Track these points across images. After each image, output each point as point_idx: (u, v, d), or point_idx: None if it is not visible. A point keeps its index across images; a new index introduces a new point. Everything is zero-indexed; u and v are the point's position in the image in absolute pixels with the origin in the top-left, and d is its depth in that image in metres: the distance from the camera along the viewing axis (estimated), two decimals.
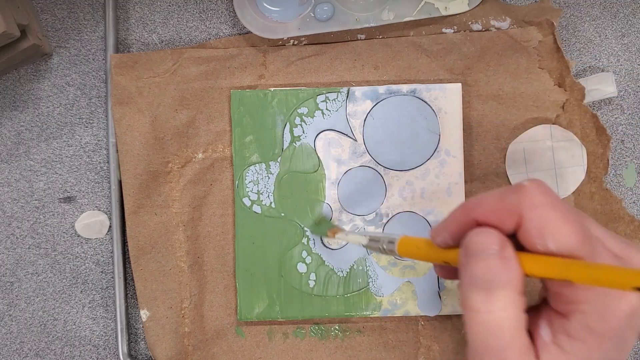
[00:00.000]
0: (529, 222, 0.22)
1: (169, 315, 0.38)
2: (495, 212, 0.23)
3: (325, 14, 0.37)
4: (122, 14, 0.39)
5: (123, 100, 0.37)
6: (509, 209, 0.22)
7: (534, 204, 0.22)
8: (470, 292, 0.22)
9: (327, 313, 0.37)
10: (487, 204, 0.23)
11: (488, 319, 0.22)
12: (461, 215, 0.24)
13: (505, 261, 0.22)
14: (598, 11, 0.39)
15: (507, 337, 0.22)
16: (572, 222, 0.22)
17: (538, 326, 0.24)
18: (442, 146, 0.37)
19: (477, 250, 0.22)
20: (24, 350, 0.39)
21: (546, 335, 0.24)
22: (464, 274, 0.23)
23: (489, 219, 0.23)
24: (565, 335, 0.23)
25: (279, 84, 0.38)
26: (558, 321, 0.23)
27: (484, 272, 0.22)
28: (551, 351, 0.23)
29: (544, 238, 0.22)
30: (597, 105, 0.39)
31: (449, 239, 0.24)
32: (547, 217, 0.22)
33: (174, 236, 0.38)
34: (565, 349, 0.23)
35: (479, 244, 0.22)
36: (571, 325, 0.23)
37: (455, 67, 0.38)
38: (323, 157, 0.37)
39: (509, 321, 0.22)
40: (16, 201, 0.39)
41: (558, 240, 0.21)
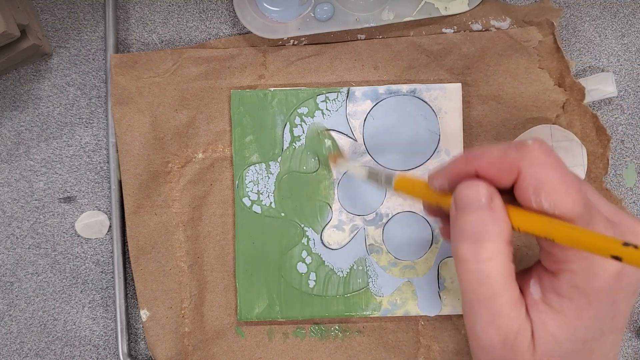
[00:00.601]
0: (526, 179, 0.22)
1: (169, 315, 0.38)
2: (495, 165, 0.23)
3: (325, 14, 0.37)
4: (122, 14, 0.39)
5: (123, 100, 0.37)
6: (510, 163, 0.23)
7: (534, 162, 0.22)
8: (460, 243, 0.23)
9: (327, 313, 0.37)
10: (489, 155, 0.23)
11: (477, 269, 0.23)
12: (462, 163, 0.24)
13: (493, 212, 0.23)
14: (598, 11, 0.39)
15: (496, 285, 0.23)
16: (569, 184, 0.22)
17: (529, 284, 0.25)
18: (442, 146, 0.37)
19: (467, 203, 0.23)
20: (24, 350, 0.39)
21: (536, 293, 0.24)
22: (454, 226, 0.24)
23: (488, 170, 0.23)
24: (554, 293, 0.24)
25: (279, 84, 0.38)
26: (548, 280, 0.24)
27: (473, 224, 0.23)
28: (540, 309, 0.24)
29: (539, 196, 0.22)
30: (597, 105, 0.39)
31: (446, 184, 0.25)
32: (545, 176, 0.22)
33: (174, 236, 0.38)
34: (554, 307, 0.23)
35: (469, 196, 0.23)
36: (560, 284, 0.23)
37: (455, 67, 0.38)
38: (323, 157, 0.37)
39: (497, 270, 0.23)
40: (16, 201, 0.39)
41: (552, 200, 0.22)
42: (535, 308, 0.24)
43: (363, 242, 0.37)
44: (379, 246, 0.37)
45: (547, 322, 0.23)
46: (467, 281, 0.23)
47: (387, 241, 0.37)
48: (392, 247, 0.37)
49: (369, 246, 0.37)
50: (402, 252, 0.37)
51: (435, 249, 0.37)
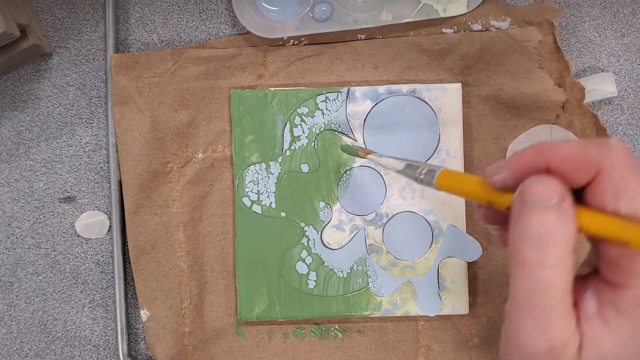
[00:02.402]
0: (606, 179, 0.21)
1: (169, 315, 0.38)
2: (573, 160, 0.21)
3: (324, 14, 0.37)
4: (122, 14, 0.39)
5: (123, 100, 0.37)
6: (589, 160, 0.21)
7: (617, 163, 0.21)
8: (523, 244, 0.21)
9: (327, 313, 0.37)
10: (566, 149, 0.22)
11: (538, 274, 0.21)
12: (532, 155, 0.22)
13: (564, 215, 0.21)
14: (598, 11, 0.39)
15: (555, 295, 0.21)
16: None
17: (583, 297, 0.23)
18: (442, 146, 0.37)
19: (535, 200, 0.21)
20: (24, 350, 0.39)
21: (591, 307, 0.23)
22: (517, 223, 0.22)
23: (563, 165, 0.21)
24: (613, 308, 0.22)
25: (279, 84, 0.38)
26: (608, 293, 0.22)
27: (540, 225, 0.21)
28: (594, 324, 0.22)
29: (618, 199, 0.21)
30: (597, 105, 0.39)
31: (509, 178, 0.23)
32: (627, 179, 0.21)
33: (174, 236, 0.38)
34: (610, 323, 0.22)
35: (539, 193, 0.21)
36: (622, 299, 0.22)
37: (455, 67, 0.38)
38: (323, 157, 0.37)
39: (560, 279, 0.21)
40: (16, 201, 0.39)
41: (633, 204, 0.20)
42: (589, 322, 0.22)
43: (363, 242, 0.37)
44: (379, 246, 0.37)
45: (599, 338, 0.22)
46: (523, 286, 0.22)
47: (387, 241, 0.37)
48: (392, 247, 0.37)
49: (369, 246, 0.37)
50: (402, 252, 0.37)
51: (435, 249, 0.37)
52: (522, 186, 0.22)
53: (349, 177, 0.37)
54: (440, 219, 0.37)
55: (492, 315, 0.38)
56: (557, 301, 0.21)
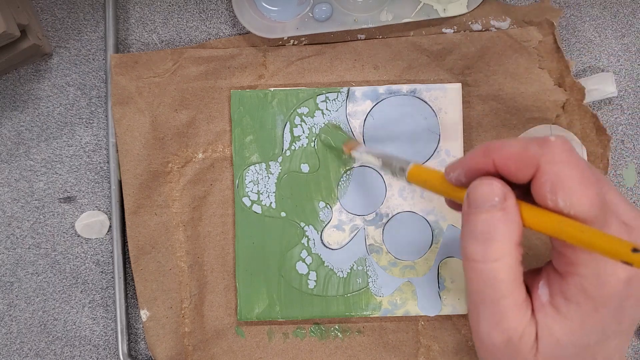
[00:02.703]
0: (544, 175, 0.22)
1: (169, 315, 0.38)
2: (515, 159, 0.23)
3: (324, 14, 0.37)
4: (122, 14, 0.39)
5: (123, 100, 0.37)
6: (529, 158, 0.22)
7: (555, 159, 0.22)
8: (469, 241, 0.23)
9: (327, 313, 0.37)
10: (509, 149, 0.23)
11: (484, 269, 0.22)
12: (480, 154, 0.24)
13: (506, 213, 0.22)
14: (598, 11, 0.39)
15: (503, 287, 0.23)
16: (587, 185, 0.22)
17: (538, 286, 0.24)
18: (442, 146, 0.37)
19: (480, 201, 0.23)
20: (24, 350, 0.39)
21: (544, 295, 0.24)
22: (464, 223, 0.23)
23: (507, 164, 0.23)
24: (562, 296, 0.23)
25: (279, 84, 0.38)
26: (557, 282, 0.24)
27: (483, 223, 0.22)
28: (547, 312, 0.23)
29: (556, 194, 0.22)
30: (597, 105, 0.39)
31: (462, 176, 0.24)
32: (563, 175, 0.22)
33: (174, 236, 0.38)
34: (561, 310, 0.23)
35: (482, 194, 0.23)
36: (568, 287, 0.23)
37: (455, 67, 0.38)
38: (323, 157, 0.37)
39: (505, 272, 0.22)
40: (16, 201, 0.39)
41: (569, 200, 0.21)
42: (542, 311, 0.23)
43: (363, 242, 0.37)
44: (379, 246, 0.37)
45: (552, 325, 0.23)
46: (474, 281, 0.23)
47: (387, 241, 0.37)
48: (392, 247, 0.37)
49: (369, 246, 0.37)
50: (402, 252, 0.37)
51: (435, 249, 0.37)
52: (468, 189, 0.23)
53: (349, 177, 0.37)
54: (440, 219, 0.37)
55: None
56: (506, 293, 0.23)
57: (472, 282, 0.23)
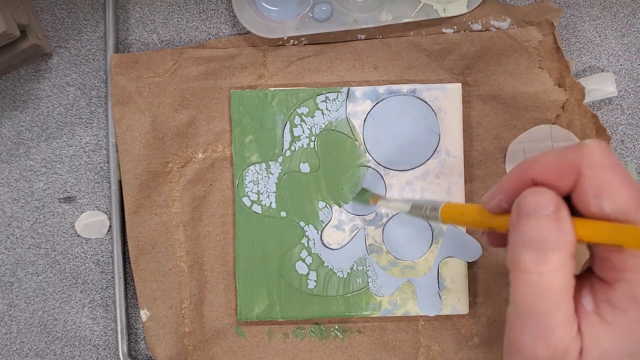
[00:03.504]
0: (587, 180, 0.21)
1: (169, 315, 0.38)
2: (554, 170, 0.22)
3: (324, 14, 0.37)
4: (122, 14, 0.39)
5: (123, 100, 0.37)
6: (569, 166, 0.22)
7: (595, 163, 0.21)
8: (521, 251, 0.22)
9: (327, 313, 0.37)
10: (546, 161, 0.22)
11: (538, 280, 0.21)
12: (517, 174, 0.23)
13: (560, 222, 0.21)
14: (598, 11, 0.39)
15: (555, 300, 0.22)
16: (631, 186, 0.21)
17: (580, 295, 0.23)
18: (442, 146, 0.37)
19: (532, 210, 0.22)
20: (24, 350, 0.39)
21: (588, 304, 0.23)
22: (515, 233, 0.22)
23: (547, 176, 0.22)
24: (608, 304, 0.22)
25: (279, 84, 0.38)
26: (602, 290, 0.23)
27: (538, 232, 0.21)
28: (593, 321, 0.22)
29: (601, 198, 0.21)
30: (597, 105, 0.39)
31: (503, 201, 0.23)
32: (606, 177, 0.21)
33: (174, 236, 0.38)
34: (607, 319, 0.22)
35: (534, 203, 0.22)
36: (615, 294, 0.22)
37: (455, 67, 0.38)
38: (323, 157, 0.37)
39: (559, 284, 0.21)
40: (16, 201, 0.39)
41: (615, 202, 0.21)
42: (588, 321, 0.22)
43: (363, 242, 0.37)
44: (379, 246, 0.37)
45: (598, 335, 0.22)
46: (524, 292, 0.22)
47: (387, 241, 0.37)
48: (392, 247, 0.37)
49: (369, 246, 0.37)
50: (402, 252, 0.37)
51: (435, 249, 0.37)
52: (518, 199, 0.22)
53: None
54: None
55: (492, 315, 0.38)
56: (558, 306, 0.22)
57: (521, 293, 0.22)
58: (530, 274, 0.21)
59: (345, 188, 0.37)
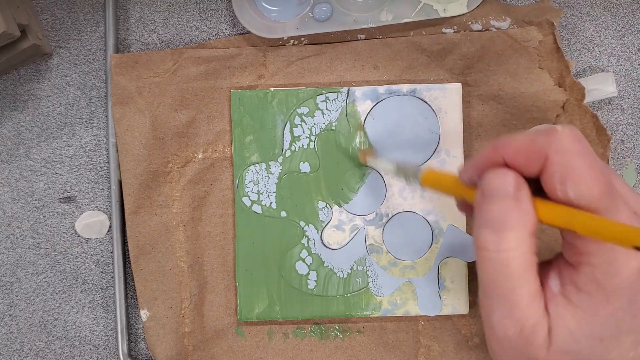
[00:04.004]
0: (553, 165, 0.22)
1: (169, 315, 0.38)
2: (523, 152, 0.22)
3: (324, 14, 0.37)
4: (122, 14, 0.39)
5: (123, 100, 0.37)
6: (537, 150, 0.22)
7: (563, 149, 0.22)
8: (481, 230, 0.23)
9: (327, 313, 0.37)
10: (516, 143, 0.23)
11: (497, 258, 0.22)
12: (490, 152, 0.24)
13: (519, 203, 0.22)
14: (598, 11, 0.39)
15: (516, 276, 0.22)
16: (597, 174, 0.21)
17: (548, 277, 0.24)
18: (442, 146, 0.37)
19: (492, 191, 0.22)
20: (24, 350, 0.39)
21: (555, 286, 0.24)
22: (478, 213, 0.23)
23: (516, 158, 0.23)
24: (573, 287, 0.23)
25: (279, 84, 0.38)
26: (568, 273, 0.23)
27: (497, 212, 0.22)
28: (559, 302, 0.23)
29: (565, 184, 0.21)
30: (597, 105, 0.39)
31: (475, 175, 0.24)
32: (572, 164, 0.21)
33: (174, 236, 0.38)
34: (573, 301, 0.23)
35: (495, 184, 0.23)
36: (580, 278, 0.23)
37: (455, 67, 0.38)
38: (323, 157, 0.37)
39: (518, 261, 0.22)
40: (16, 201, 0.39)
41: (578, 189, 0.21)
42: (554, 301, 0.23)
43: (363, 242, 0.37)
44: (379, 246, 0.37)
45: (565, 316, 0.23)
46: (486, 270, 0.23)
47: (387, 241, 0.37)
48: (392, 247, 0.37)
49: (369, 246, 0.37)
50: (402, 252, 0.37)
51: (435, 249, 0.37)
52: (481, 179, 0.23)
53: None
54: (440, 219, 0.37)
55: None
56: (519, 283, 0.22)
57: (484, 271, 0.23)
58: (490, 252, 0.22)
59: (345, 188, 0.37)
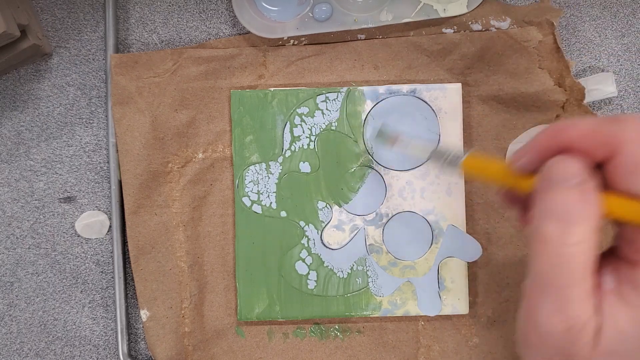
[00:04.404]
0: (626, 155, 0.20)
1: (169, 315, 0.38)
2: (589, 138, 0.21)
3: (324, 14, 0.37)
4: (122, 14, 0.39)
5: (123, 100, 0.37)
6: (606, 137, 0.21)
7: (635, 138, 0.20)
8: (545, 221, 0.21)
9: (327, 313, 0.37)
10: (583, 126, 0.21)
11: (561, 252, 0.21)
12: (549, 136, 0.22)
13: (587, 194, 0.21)
14: (598, 11, 0.39)
15: (576, 273, 0.21)
16: None
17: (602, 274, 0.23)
18: (442, 146, 0.37)
19: (559, 179, 0.21)
20: (24, 350, 0.39)
21: (609, 283, 0.22)
22: (540, 202, 0.22)
23: (581, 143, 0.21)
24: (630, 285, 0.22)
25: (279, 84, 0.38)
26: (625, 270, 0.22)
27: (564, 203, 0.21)
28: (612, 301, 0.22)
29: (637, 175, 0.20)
30: (597, 105, 0.39)
31: (530, 162, 0.23)
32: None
33: (174, 236, 0.38)
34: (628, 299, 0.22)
35: (562, 172, 0.21)
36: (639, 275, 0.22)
37: (455, 67, 0.38)
38: (323, 157, 0.37)
39: (581, 257, 0.21)
40: (16, 201, 0.39)
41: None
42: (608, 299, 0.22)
43: (363, 242, 0.37)
44: (379, 246, 0.37)
45: (617, 315, 0.22)
46: (545, 263, 0.21)
47: (387, 241, 0.37)
48: (392, 247, 0.37)
49: (369, 246, 0.37)
50: (402, 252, 0.37)
51: (435, 249, 0.37)
52: (546, 165, 0.22)
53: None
54: (440, 219, 0.37)
55: (492, 315, 0.38)
56: (578, 280, 0.21)
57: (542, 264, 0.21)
58: (553, 245, 0.21)
59: (345, 188, 0.37)
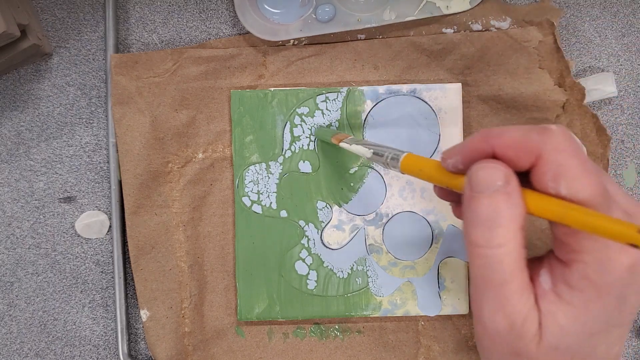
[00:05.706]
0: (547, 164, 0.22)
1: (169, 315, 0.38)
2: (515, 146, 0.22)
3: (327, 15, 0.37)
4: (122, 14, 0.39)
5: (123, 100, 0.37)
6: (530, 146, 0.22)
7: (557, 148, 0.22)
8: (472, 227, 0.23)
9: (327, 313, 0.37)
10: (509, 136, 0.23)
11: (489, 254, 0.22)
12: (479, 141, 0.23)
13: (509, 197, 0.22)
14: (598, 11, 0.39)
15: (507, 271, 0.22)
16: (590, 173, 0.22)
17: (539, 274, 0.24)
18: (442, 146, 0.37)
19: (482, 185, 0.22)
20: (24, 350, 0.39)
21: (546, 283, 0.24)
22: (467, 208, 0.23)
23: (507, 151, 0.23)
24: (564, 284, 0.23)
25: (279, 84, 0.38)
26: (559, 270, 0.24)
27: (487, 209, 0.22)
28: (550, 299, 0.23)
29: (559, 183, 0.22)
30: (597, 105, 0.39)
31: (460, 162, 0.24)
32: (566, 163, 0.22)
33: (174, 236, 0.38)
34: (564, 298, 0.23)
35: (485, 178, 0.22)
36: (571, 275, 0.23)
37: (455, 67, 0.38)
38: (323, 157, 0.37)
39: (509, 256, 0.22)
40: (16, 201, 0.39)
41: (572, 187, 0.21)
42: (545, 298, 0.23)
43: (363, 242, 0.37)
44: (379, 246, 0.37)
45: (556, 312, 0.23)
46: (478, 266, 0.23)
47: (387, 241, 0.37)
48: (392, 247, 0.37)
49: (369, 246, 0.37)
50: (402, 252, 0.37)
51: (435, 249, 0.37)
52: (469, 172, 0.23)
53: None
54: (440, 219, 0.37)
55: None
56: (510, 277, 0.23)
57: (476, 267, 0.23)
58: (482, 248, 0.23)
59: (345, 188, 0.37)
